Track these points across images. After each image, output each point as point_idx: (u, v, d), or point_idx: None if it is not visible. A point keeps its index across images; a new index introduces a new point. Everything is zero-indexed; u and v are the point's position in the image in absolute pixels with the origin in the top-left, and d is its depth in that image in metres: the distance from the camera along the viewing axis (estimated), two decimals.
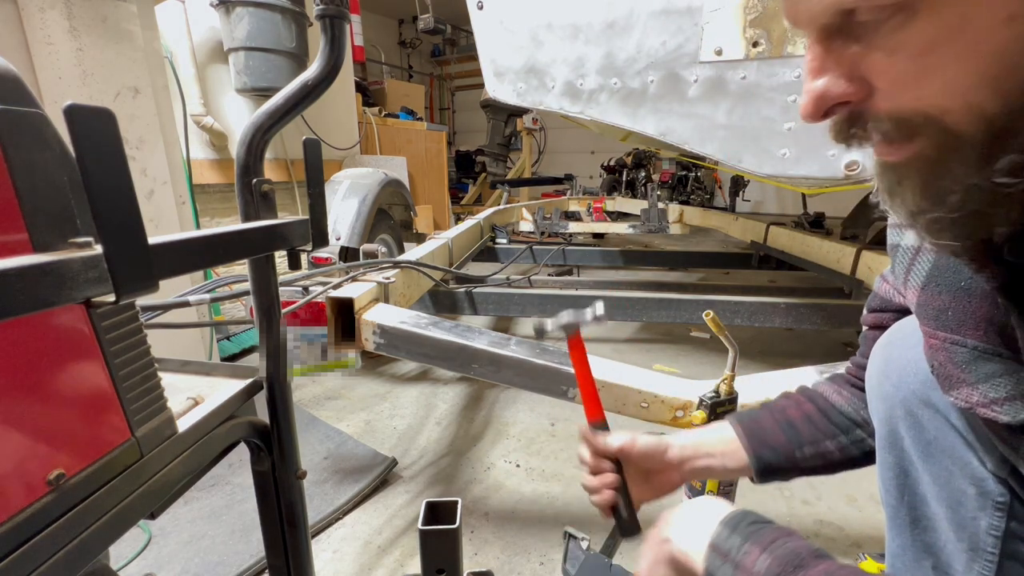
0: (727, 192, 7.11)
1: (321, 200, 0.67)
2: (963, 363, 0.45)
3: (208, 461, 0.60)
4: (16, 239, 0.36)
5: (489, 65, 1.75)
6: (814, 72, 0.37)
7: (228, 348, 2.43)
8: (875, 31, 0.33)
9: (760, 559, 0.45)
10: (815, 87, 0.37)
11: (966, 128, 0.32)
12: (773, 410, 0.71)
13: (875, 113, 0.36)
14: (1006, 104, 0.31)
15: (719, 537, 0.50)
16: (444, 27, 6.17)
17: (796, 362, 1.12)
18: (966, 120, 0.32)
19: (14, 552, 0.38)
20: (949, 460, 0.53)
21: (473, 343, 1.09)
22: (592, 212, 4.52)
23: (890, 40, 0.33)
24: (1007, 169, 0.32)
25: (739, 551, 0.47)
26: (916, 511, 0.57)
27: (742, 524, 0.49)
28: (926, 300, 0.49)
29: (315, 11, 0.63)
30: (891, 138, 0.36)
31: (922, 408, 0.55)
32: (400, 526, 1.30)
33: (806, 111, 0.38)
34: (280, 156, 2.87)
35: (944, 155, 0.34)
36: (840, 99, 0.36)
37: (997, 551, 0.50)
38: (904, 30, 0.32)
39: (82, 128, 0.34)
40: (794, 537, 0.47)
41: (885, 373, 0.60)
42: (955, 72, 0.31)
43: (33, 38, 1.45)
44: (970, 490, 0.51)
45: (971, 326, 0.44)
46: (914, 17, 0.31)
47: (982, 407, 0.44)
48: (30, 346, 0.40)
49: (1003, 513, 0.49)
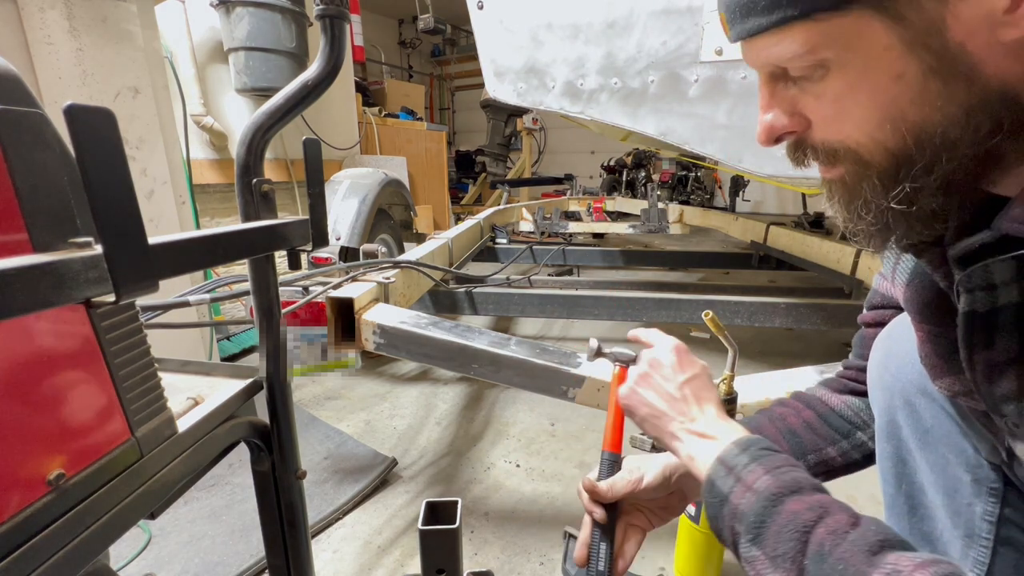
0: (727, 192, 7.10)
1: (321, 200, 0.67)
2: (947, 353, 0.48)
3: (208, 461, 0.60)
4: (16, 239, 0.36)
5: (489, 65, 1.75)
6: (764, 108, 0.46)
7: (228, 348, 2.43)
8: (804, 80, 0.41)
9: (762, 479, 0.47)
10: (764, 120, 0.46)
11: (874, 159, 0.40)
12: (773, 418, 0.71)
13: (812, 141, 0.44)
14: (903, 142, 0.38)
15: (728, 453, 0.51)
16: (444, 27, 6.17)
17: (796, 362, 1.12)
18: (876, 152, 0.40)
19: (14, 552, 0.37)
20: (945, 448, 0.54)
21: (473, 343, 1.09)
22: (592, 212, 4.52)
23: (815, 88, 0.41)
24: (900, 197, 0.40)
25: (744, 468, 0.49)
26: (914, 499, 0.58)
27: (753, 447, 0.51)
28: (911, 295, 0.52)
29: (315, 11, 0.62)
30: (823, 161, 0.44)
31: (919, 397, 0.56)
32: (400, 526, 1.30)
33: (760, 138, 0.47)
34: (280, 156, 2.87)
35: (858, 180, 0.42)
36: (784, 130, 0.45)
37: (992, 537, 0.51)
38: (823, 81, 0.40)
39: (82, 128, 0.33)
40: (799, 468, 0.48)
41: (885, 364, 0.61)
42: (862, 115, 0.39)
43: (33, 38, 1.45)
44: (965, 477, 0.52)
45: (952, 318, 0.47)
46: (828, 73, 0.39)
47: (962, 396, 0.48)
48: (30, 346, 0.40)
49: (997, 499, 0.51)
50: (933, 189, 0.39)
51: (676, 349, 0.62)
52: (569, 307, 2.00)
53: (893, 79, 0.37)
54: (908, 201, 0.39)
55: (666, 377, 0.60)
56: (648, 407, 0.60)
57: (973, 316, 0.41)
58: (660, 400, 0.59)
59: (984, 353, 0.41)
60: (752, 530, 0.45)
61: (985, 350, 0.41)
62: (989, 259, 0.39)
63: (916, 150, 0.38)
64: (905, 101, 0.37)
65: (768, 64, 0.43)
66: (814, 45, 0.38)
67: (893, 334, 0.62)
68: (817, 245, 2.57)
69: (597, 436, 1.71)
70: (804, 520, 0.43)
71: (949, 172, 0.38)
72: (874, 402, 0.63)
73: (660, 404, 0.59)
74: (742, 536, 0.46)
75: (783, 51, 0.40)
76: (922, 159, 0.38)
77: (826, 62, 0.39)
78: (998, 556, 0.50)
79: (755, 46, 0.42)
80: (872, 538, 0.40)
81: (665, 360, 0.61)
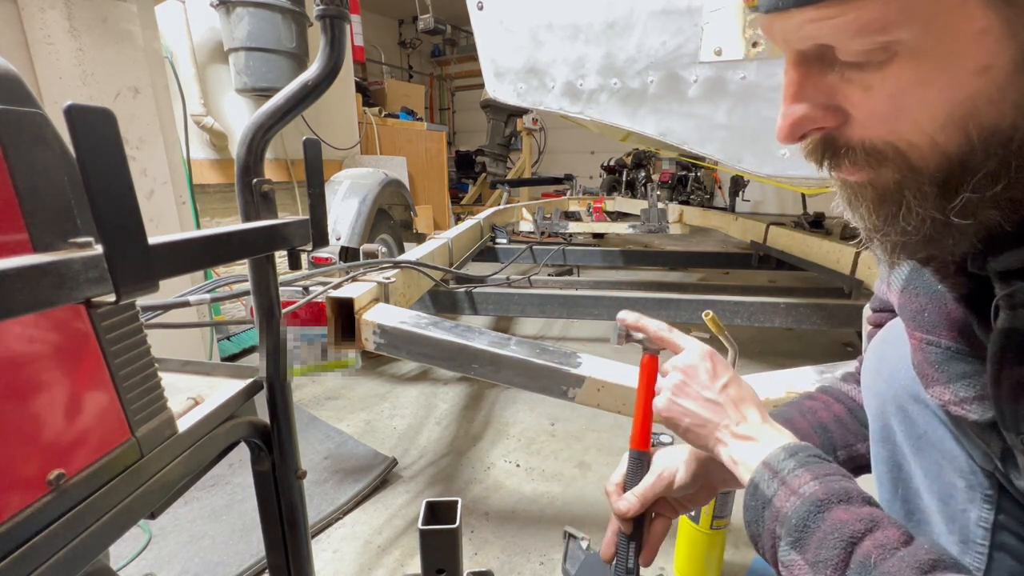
0: (727, 192, 7.10)
1: (321, 200, 0.67)
2: (937, 362, 0.47)
3: (208, 461, 0.60)
4: (16, 239, 0.36)
5: (489, 65, 1.75)
6: (792, 97, 0.38)
7: (228, 348, 2.43)
8: (854, 67, 0.34)
9: (809, 484, 0.44)
10: (793, 112, 0.38)
11: (927, 164, 0.34)
12: (804, 412, 0.70)
13: (848, 140, 0.37)
14: (968, 146, 0.32)
15: (774, 457, 0.49)
16: (444, 27, 6.16)
17: (796, 362, 1.12)
18: (930, 156, 0.34)
19: (14, 552, 0.37)
20: (939, 454, 0.53)
21: (473, 343, 1.09)
22: (592, 212, 4.52)
23: (868, 78, 0.34)
24: (959, 208, 0.34)
25: (791, 473, 0.46)
26: (910, 504, 0.57)
27: (802, 453, 0.48)
28: (905, 302, 0.51)
29: (315, 11, 0.62)
30: (859, 164, 0.37)
31: (912, 403, 0.56)
32: (400, 526, 1.30)
33: (782, 134, 0.39)
34: (280, 156, 2.87)
35: (900, 186, 0.36)
36: (817, 126, 0.38)
37: (987, 543, 0.50)
38: (882, 71, 0.33)
39: (82, 128, 0.34)
40: (849, 478, 0.46)
41: (878, 370, 0.61)
42: (926, 113, 0.33)
43: (33, 38, 1.45)
44: (959, 483, 0.52)
45: (945, 327, 0.46)
46: (892, 60, 0.32)
47: (953, 405, 0.46)
48: (30, 346, 0.40)
49: (991, 505, 0.50)
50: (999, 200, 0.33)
51: (709, 355, 0.59)
52: (569, 307, 2.00)
53: (977, 72, 0.31)
54: (966, 213, 0.34)
55: (704, 385, 0.57)
56: (691, 416, 0.57)
57: (1012, 333, 0.38)
58: (702, 408, 0.56)
59: (1015, 370, 0.39)
60: (793, 532, 0.43)
61: (1016, 367, 0.39)
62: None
63: (982, 155, 0.32)
64: (983, 99, 0.31)
65: (810, 41, 0.35)
66: (888, 22, 0.31)
67: (887, 338, 0.61)
68: (817, 245, 2.57)
69: (597, 436, 1.71)
70: (852, 530, 0.40)
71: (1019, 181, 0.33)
72: (868, 407, 0.62)
73: (703, 412, 0.56)
74: (782, 540, 0.44)
75: (843, 26, 0.32)
76: (986, 166, 0.33)
77: (894, 45, 0.32)
78: (994, 562, 0.50)
79: (800, 16, 0.34)
80: (924, 556, 0.37)
81: (700, 366, 0.58)
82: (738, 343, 0.90)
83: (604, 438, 1.70)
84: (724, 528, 1.07)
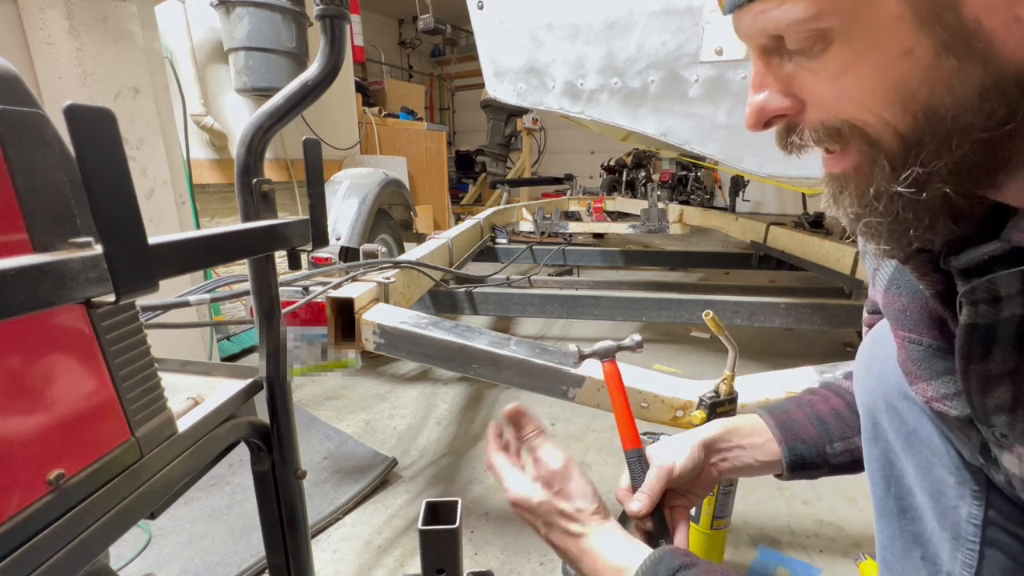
0: (727, 192, 7.10)
1: (321, 200, 0.66)
2: (919, 360, 0.48)
3: (208, 461, 0.60)
4: (16, 239, 0.36)
5: (489, 65, 1.75)
6: (756, 87, 0.42)
7: (228, 348, 2.43)
8: (802, 54, 0.38)
9: None
10: (756, 100, 0.42)
11: (883, 140, 0.37)
12: (801, 404, 0.71)
13: (808, 123, 0.41)
14: (916, 124, 0.36)
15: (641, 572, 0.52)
16: (444, 27, 6.16)
17: (796, 362, 1.12)
18: (884, 133, 0.37)
19: (14, 552, 0.38)
20: (928, 451, 0.54)
21: (473, 343, 1.09)
22: (592, 212, 4.52)
23: (813, 63, 0.38)
24: (909, 180, 0.37)
25: None
26: (903, 501, 0.58)
27: (663, 565, 0.51)
28: (889, 301, 0.52)
29: (315, 11, 0.62)
30: (825, 144, 0.41)
31: (901, 400, 0.56)
32: (400, 526, 1.30)
33: (748, 121, 0.43)
34: (280, 156, 2.87)
35: (870, 164, 0.39)
36: (777, 112, 0.42)
37: (978, 539, 0.50)
38: (823, 56, 0.37)
39: (82, 128, 0.33)
40: None
41: (868, 368, 0.62)
42: (865, 93, 0.36)
43: (33, 38, 1.45)
44: (949, 479, 0.52)
45: (926, 325, 0.47)
46: (830, 45, 0.36)
47: (936, 401, 0.48)
48: (30, 346, 0.40)
49: (981, 502, 0.50)
50: (944, 175, 0.36)
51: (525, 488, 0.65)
52: (569, 307, 2.00)
53: (902, 54, 0.34)
54: (916, 185, 0.37)
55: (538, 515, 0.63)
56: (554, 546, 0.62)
57: (975, 329, 0.40)
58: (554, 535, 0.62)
59: (980, 364, 0.41)
60: None
61: (982, 362, 0.41)
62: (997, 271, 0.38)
63: (929, 134, 0.35)
64: (914, 80, 0.35)
65: (764, 33, 0.39)
66: (820, 11, 0.35)
67: (877, 337, 0.62)
68: (817, 245, 2.57)
69: (597, 436, 1.71)
70: None
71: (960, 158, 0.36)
72: (859, 405, 0.63)
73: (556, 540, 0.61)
74: None
75: (783, 15, 0.36)
76: (932, 142, 0.36)
77: (828, 33, 0.36)
78: (985, 558, 0.50)
79: (752, 11, 0.39)
80: None
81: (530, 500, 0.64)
82: (738, 343, 0.90)
83: (604, 438, 1.70)
84: (724, 528, 1.07)
